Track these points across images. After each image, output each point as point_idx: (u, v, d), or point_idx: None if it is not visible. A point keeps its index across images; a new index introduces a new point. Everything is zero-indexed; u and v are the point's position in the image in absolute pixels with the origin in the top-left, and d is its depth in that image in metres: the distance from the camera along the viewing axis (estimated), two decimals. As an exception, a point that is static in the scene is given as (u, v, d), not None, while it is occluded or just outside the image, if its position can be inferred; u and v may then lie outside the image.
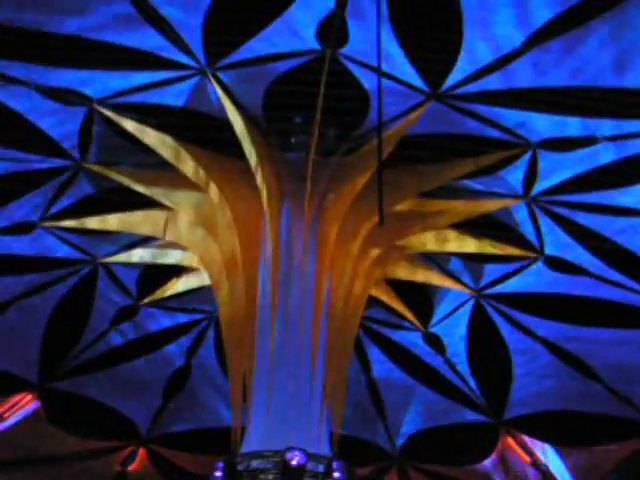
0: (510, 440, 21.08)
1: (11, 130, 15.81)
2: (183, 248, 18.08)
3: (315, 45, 14.41)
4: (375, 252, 16.96)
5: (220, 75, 15.07)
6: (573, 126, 15.69)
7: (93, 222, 17.68)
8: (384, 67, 13.59)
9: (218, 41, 14.28)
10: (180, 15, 13.78)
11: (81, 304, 19.68)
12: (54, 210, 17.45)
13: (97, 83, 15.22)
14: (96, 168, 16.74)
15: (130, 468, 20.95)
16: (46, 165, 16.58)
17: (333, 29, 13.84)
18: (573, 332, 19.52)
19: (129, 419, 21.28)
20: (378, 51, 12.72)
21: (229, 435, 15.33)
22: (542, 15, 13.75)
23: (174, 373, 21.23)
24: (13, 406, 19.89)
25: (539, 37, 13.89)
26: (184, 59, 14.68)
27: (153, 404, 21.36)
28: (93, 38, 13.98)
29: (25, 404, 20.02)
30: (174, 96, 15.57)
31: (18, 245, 18.05)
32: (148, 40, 14.17)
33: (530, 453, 20.82)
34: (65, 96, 15.26)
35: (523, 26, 14.01)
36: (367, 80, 14.95)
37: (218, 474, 14.39)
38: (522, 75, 14.77)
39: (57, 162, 16.61)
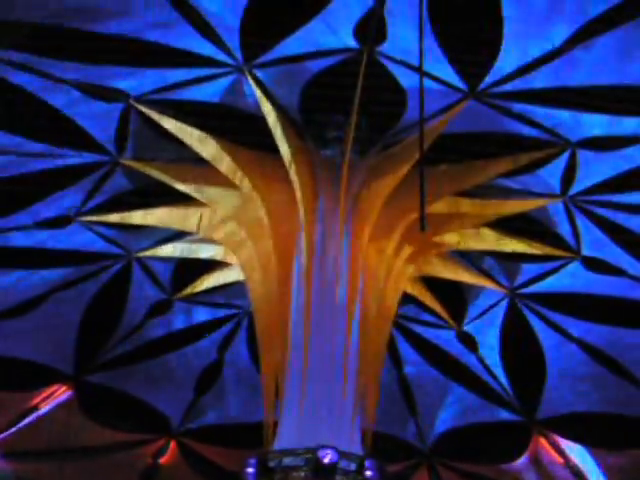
0: (543, 440, 20.92)
1: (49, 126, 15.94)
2: (217, 243, 18.15)
3: (353, 43, 14.33)
4: (409, 250, 16.85)
5: (257, 73, 15.04)
6: (613, 125, 15.46)
7: (128, 217, 17.76)
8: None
9: (255, 39, 14.26)
10: (218, 13, 13.77)
11: (116, 298, 19.82)
12: (90, 205, 17.56)
13: (134, 80, 15.24)
14: (132, 164, 16.81)
15: (161, 461, 21.12)
16: (83, 160, 16.68)
17: (371, 27, 13.74)
18: (609, 334, 19.31)
19: (161, 412, 21.45)
20: (420, 49, 12.58)
21: (261, 430, 15.38)
22: (581, 15, 13.61)
23: (206, 367, 21.35)
24: (48, 397, 20.14)
25: (579, 36, 13.71)
26: (221, 57, 14.66)
27: (185, 398, 21.50)
28: (132, 37, 14.05)
29: (59, 395, 20.26)
30: (210, 93, 15.56)
31: (55, 239, 18.24)
32: (186, 38, 14.19)
33: (562, 454, 20.65)
34: (103, 93, 15.36)
35: (563, 25, 13.86)
36: (404, 78, 14.84)
37: (250, 470, 14.48)
38: (561, 74, 14.57)
39: (94, 158, 16.71)
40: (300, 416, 14.61)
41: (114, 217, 17.69)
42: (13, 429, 19.55)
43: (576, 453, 20.64)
